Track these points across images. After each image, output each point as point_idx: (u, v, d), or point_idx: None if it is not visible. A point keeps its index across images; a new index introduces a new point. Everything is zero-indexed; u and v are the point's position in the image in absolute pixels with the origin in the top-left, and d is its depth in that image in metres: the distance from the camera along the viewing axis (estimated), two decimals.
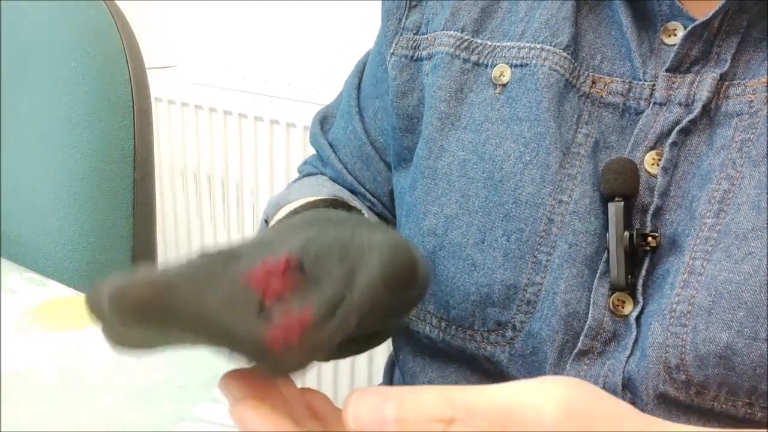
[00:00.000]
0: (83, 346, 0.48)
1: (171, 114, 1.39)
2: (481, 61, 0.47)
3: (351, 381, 1.26)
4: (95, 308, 0.27)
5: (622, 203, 0.41)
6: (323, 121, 0.63)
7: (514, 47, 0.46)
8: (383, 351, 1.19)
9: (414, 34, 0.51)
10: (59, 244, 0.68)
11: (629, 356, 0.40)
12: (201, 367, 0.45)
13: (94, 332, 0.50)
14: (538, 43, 0.45)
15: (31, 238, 0.69)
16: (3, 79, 0.72)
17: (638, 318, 0.40)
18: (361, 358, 1.22)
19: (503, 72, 0.46)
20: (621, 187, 0.41)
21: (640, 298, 0.40)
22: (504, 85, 0.46)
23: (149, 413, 0.41)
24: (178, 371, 0.45)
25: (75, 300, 0.55)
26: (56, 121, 0.68)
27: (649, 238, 0.40)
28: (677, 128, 0.41)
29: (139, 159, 0.70)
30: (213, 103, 1.31)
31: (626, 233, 0.40)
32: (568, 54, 0.45)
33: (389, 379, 0.60)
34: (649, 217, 0.41)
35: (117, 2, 0.72)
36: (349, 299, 0.28)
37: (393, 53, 0.52)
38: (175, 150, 1.40)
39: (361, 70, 0.59)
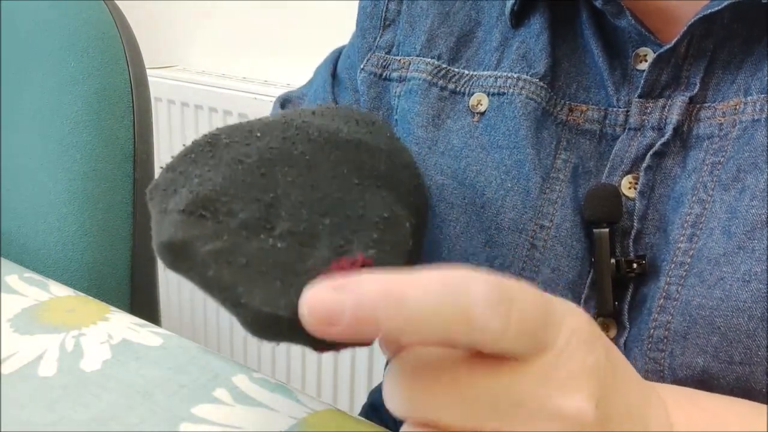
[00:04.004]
0: (83, 346, 0.48)
1: (171, 114, 1.39)
2: (458, 89, 0.48)
3: (351, 382, 1.26)
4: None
5: (608, 230, 0.41)
6: (284, 105, 0.62)
7: (491, 76, 0.47)
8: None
9: (386, 53, 0.52)
10: (59, 244, 0.68)
11: None
12: (201, 367, 0.45)
13: (94, 332, 0.50)
14: (515, 73, 0.46)
15: (31, 238, 0.69)
16: (3, 79, 0.72)
17: (626, 343, 0.40)
18: (361, 359, 1.22)
19: (480, 101, 0.46)
20: (605, 213, 0.41)
21: (627, 324, 0.40)
22: (482, 114, 0.46)
23: (149, 413, 0.41)
24: (178, 371, 0.45)
25: (75, 300, 0.55)
26: (56, 121, 0.68)
27: (634, 264, 0.40)
28: (651, 152, 0.41)
29: (139, 159, 0.70)
30: (213, 103, 1.31)
31: (613, 260, 0.41)
32: (544, 83, 0.45)
33: None
34: (630, 242, 0.41)
35: (117, 2, 0.72)
36: None
37: (363, 69, 0.53)
38: (175, 150, 1.40)
39: (335, 59, 0.59)
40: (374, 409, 0.62)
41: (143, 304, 0.72)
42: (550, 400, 0.25)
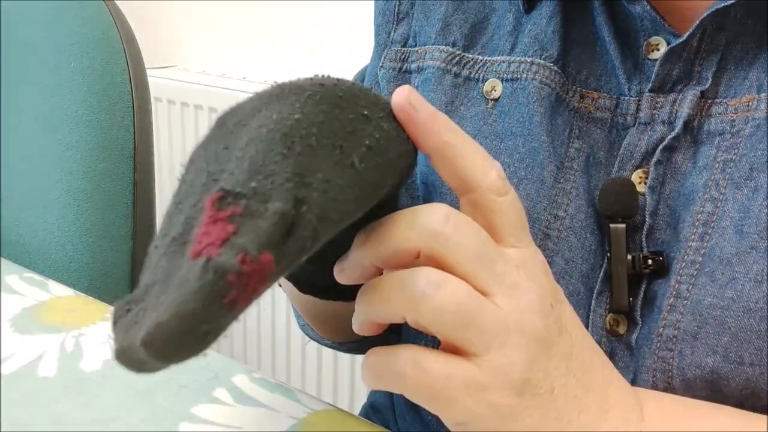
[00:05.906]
0: (83, 346, 0.48)
1: (171, 114, 1.39)
2: (472, 75, 0.47)
3: (351, 382, 1.26)
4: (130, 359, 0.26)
5: (624, 226, 0.41)
6: None
7: (504, 62, 0.46)
8: None
9: (402, 46, 0.52)
10: (59, 244, 0.68)
11: (633, 379, 0.40)
12: (201, 367, 0.45)
13: (94, 332, 0.50)
14: (528, 57, 0.45)
15: (31, 238, 0.69)
16: (3, 79, 0.72)
17: (636, 341, 0.40)
18: (361, 360, 1.22)
19: (494, 87, 0.46)
20: (621, 208, 0.41)
21: (639, 320, 0.40)
22: (496, 100, 0.46)
23: (149, 413, 0.41)
24: (178, 371, 0.45)
25: (75, 300, 0.55)
26: (56, 121, 0.68)
27: (650, 261, 0.40)
28: (661, 146, 0.41)
29: (139, 159, 0.70)
30: (213, 103, 1.31)
31: (629, 256, 0.40)
32: (557, 68, 0.44)
33: None
34: (643, 237, 0.41)
35: (117, 2, 0.72)
36: (307, 213, 0.26)
37: (382, 65, 0.52)
38: (175, 150, 1.40)
39: (360, 79, 0.59)
40: (374, 409, 0.62)
41: None
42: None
